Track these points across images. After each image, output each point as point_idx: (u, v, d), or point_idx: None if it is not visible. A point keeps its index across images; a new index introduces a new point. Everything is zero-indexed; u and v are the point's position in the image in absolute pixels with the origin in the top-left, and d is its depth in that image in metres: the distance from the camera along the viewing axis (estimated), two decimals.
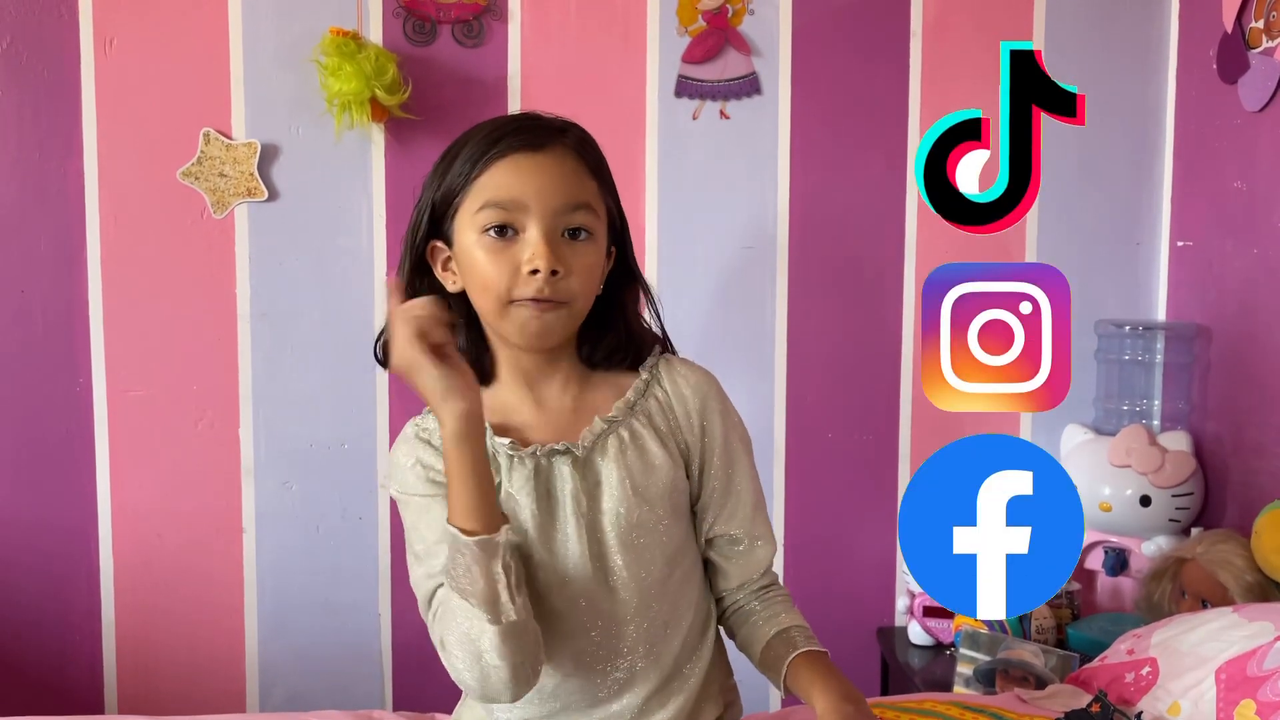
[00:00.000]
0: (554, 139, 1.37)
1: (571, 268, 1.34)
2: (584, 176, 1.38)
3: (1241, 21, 2.36)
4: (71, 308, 2.53)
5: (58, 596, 2.59)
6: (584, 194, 1.37)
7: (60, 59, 2.49)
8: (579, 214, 1.36)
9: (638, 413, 1.44)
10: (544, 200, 1.33)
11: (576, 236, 1.36)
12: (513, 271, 1.33)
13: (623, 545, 1.38)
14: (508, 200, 1.33)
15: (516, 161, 1.34)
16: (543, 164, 1.35)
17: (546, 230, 1.33)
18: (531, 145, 1.35)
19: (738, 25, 2.59)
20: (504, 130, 1.36)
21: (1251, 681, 1.69)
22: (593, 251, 1.38)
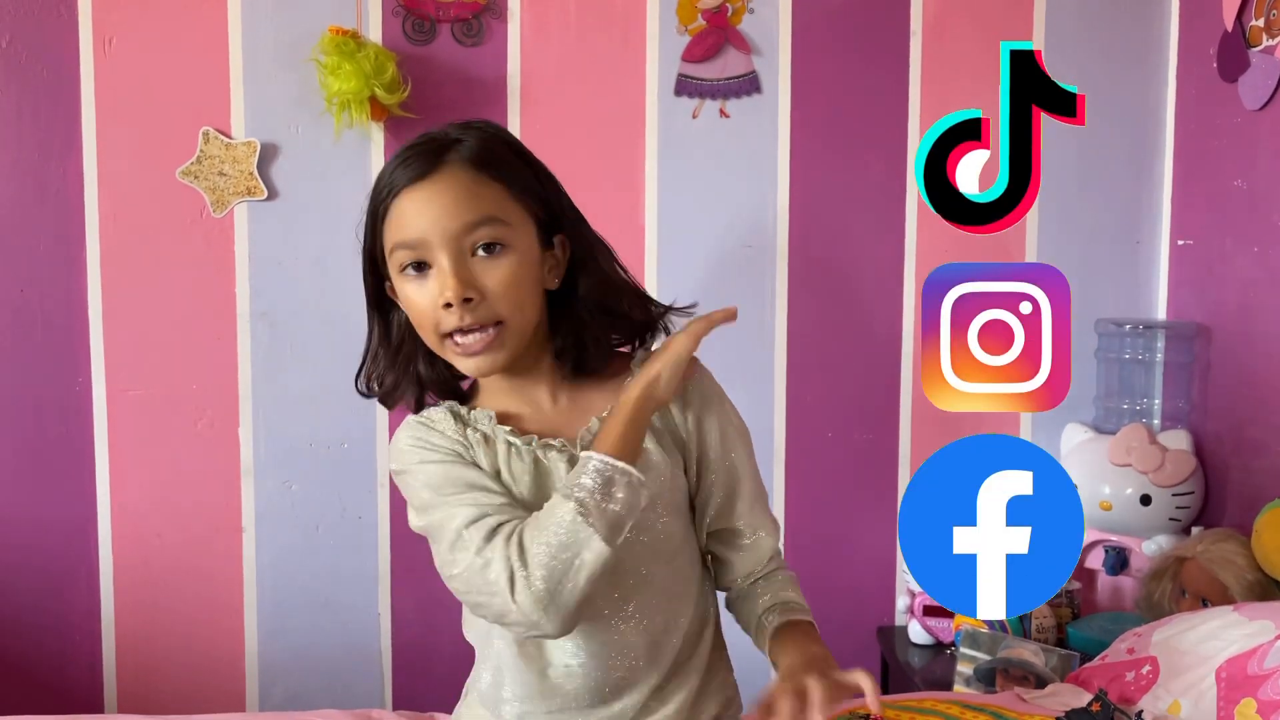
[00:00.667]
0: (439, 160, 1.33)
1: (485, 290, 1.32)
2: (482, 187, 1.33)
3: (1242, 20, 2.36)
4: (71, 307, 2.53)
5: (57, 596, 2.59)
6: (483, 207, 1.32)
7: (59, 58, 2.49)
8: (483, 230, 1.32)
9: None
10: (440, 229, 1.31)
11: (491, 251, 1.33)
12: (430, 308, 1.33)
13: (621, 544, 1.35)
14: (410, 240, 1.32)
15: (409, 196, 1.32)
16: (432, 191, 1.32)
17: (452, 258, 1.31)
18: (418, 174, 1.32)
19: (737, 24, 2.59)
20: (393, 165, 1.35)
21: (1252, 680, 1.69)
22: (509, 264, 1.33)
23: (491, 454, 1.39)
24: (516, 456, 1.39)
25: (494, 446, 1.39)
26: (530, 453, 1.39)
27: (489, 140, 1.37)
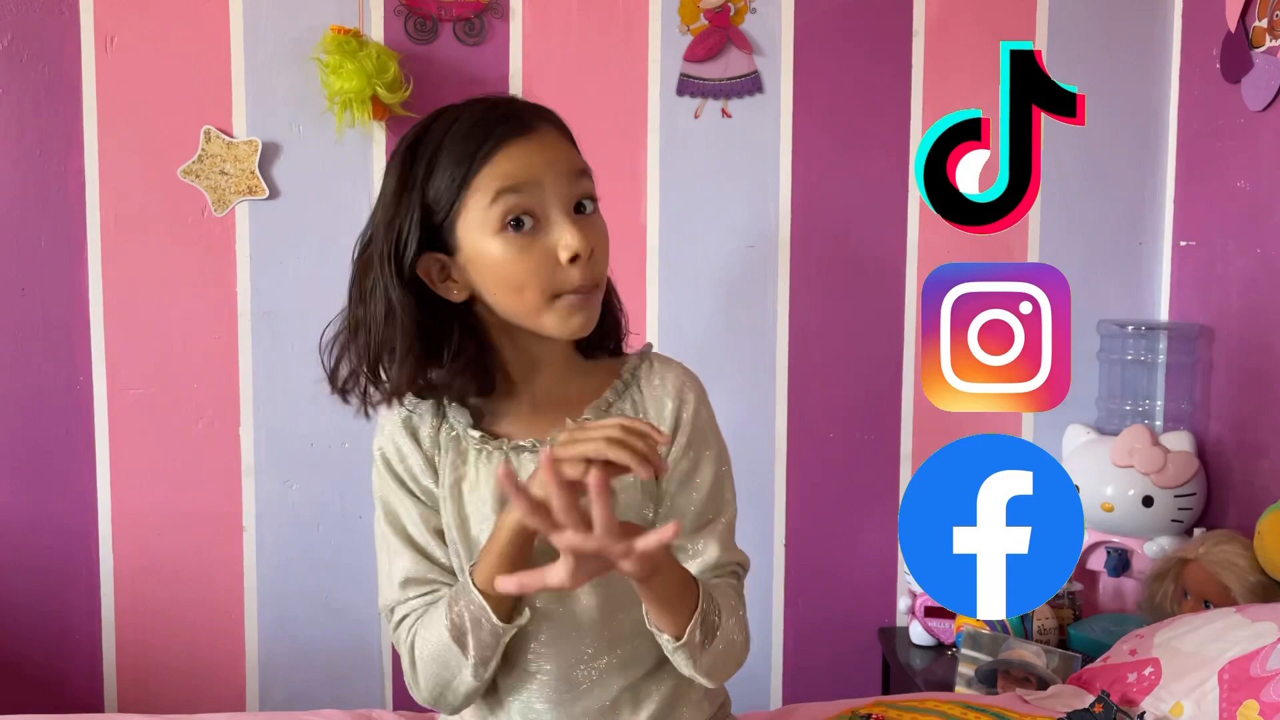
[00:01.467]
0: (538, 119, 1.32)
1: (597, 242, 1.31)
2: (569, 143, 1.35)
3: (1245, 21, 2.36)
4: (72, 306, 2.53)
5: (57, 595, 2.59)
6: (582, 160, 1.34)
7: (61, 57, 2.49)
8: (585, 181, 1.32)
9: (613, 412, 1.40)
10: (555, 172, 1.28)
11: (584, 210, 1.31)
12: (549, 264, 1.27)
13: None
14: (523, 182, 1.26)
15: (517, 146, 1.27)
16: (541, 142, 1.29)
17: (567, 209, 1.28)
18: (524, 128, 1.29)
19: (740, 24, 2.59)
20: (489, 122, 1.28)
21: (1255, 682, 1.68)
22: (601, 224, 1.34)
23: (459, 457, 1.38)
24: (485, 460, 1.38)
25: (464, 449, 1.38)
26: (500, 456, 1.37)
27: (548, 109, 1.37)
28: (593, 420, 1.37)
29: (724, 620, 1.33)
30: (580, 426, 1.19)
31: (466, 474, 1.38)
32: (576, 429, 1.18)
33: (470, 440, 1.38)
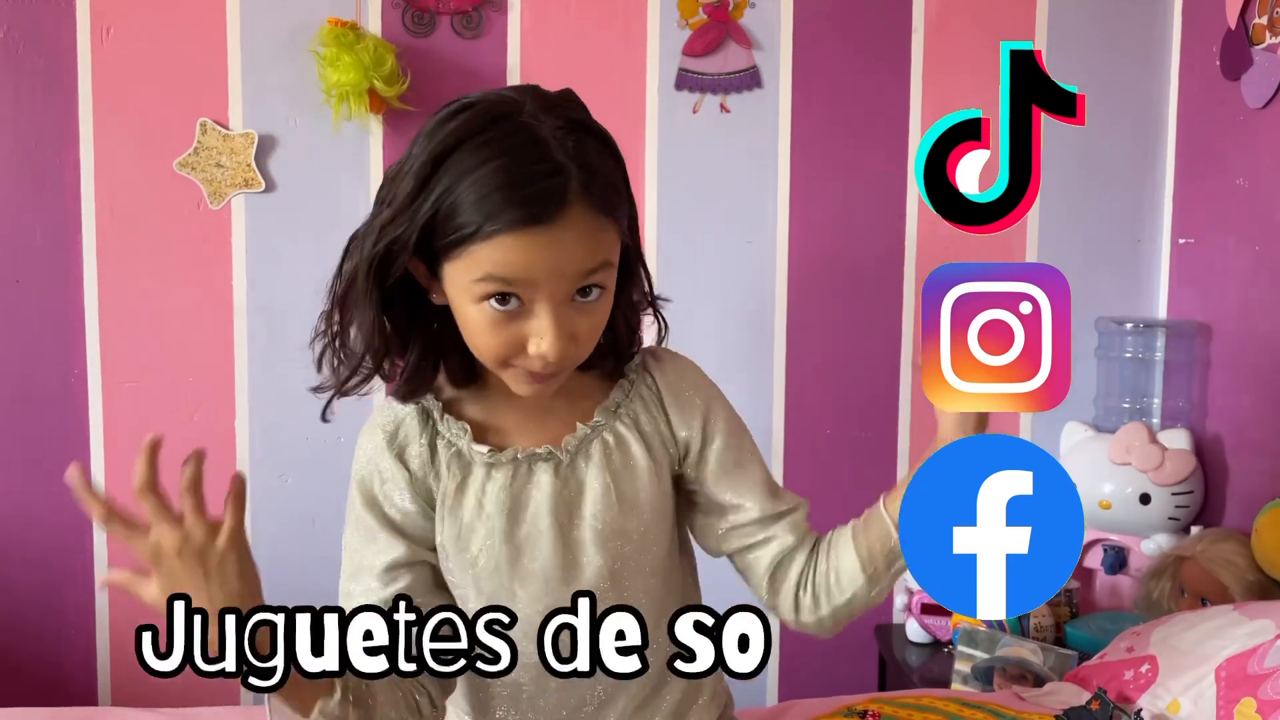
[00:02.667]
0: (564, 204, 1.16)
1: (580, 335, 1.22)
2: (600, 229, 1.20)
3: (1245, 18, 2.35)
4: (66, 299, 2.52)
5: (52, 589, 2.59)
6: (601, 252, 1.21)
7: (57, 48, 2.48)
8: (595, 275, 1.20)
9: (622, 415, 1.38)
10: (556, 278, 1.17)
11: (585, 295, 1.21)
12: (515, 344, 1.20)
13: (603, 554, 1.34)
14: (514, 278, 1.16)
15: (525, 239, 1.14)
16: (555, 239, 1.16)
17: (558, 308, 1.19)
18: (543, 219, 1.14)
19: (738, 18, 2.58)
20: (508, 195, 1.14)
21: (1252, 679, 1.68)
22: (604, 305, 1.24)
23: (460, 471, 1.34)
24: (493, 477, 1.33)
25: (467, 463, 1.34)
26: (511, 467, 1.33)
27: (608, 170, 1.25)
28: (604, 423, 1.36)
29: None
30: None
31: (469, 491, 1.34)
32: None
33: (476, 455, 1.33)
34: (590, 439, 1.36)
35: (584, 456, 1.35)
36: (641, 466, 1.37)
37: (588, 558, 1.34)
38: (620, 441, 1.37)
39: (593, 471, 1.35)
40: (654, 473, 1.38)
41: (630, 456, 1.37)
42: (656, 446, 1.39)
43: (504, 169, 1.16)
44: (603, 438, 1.36)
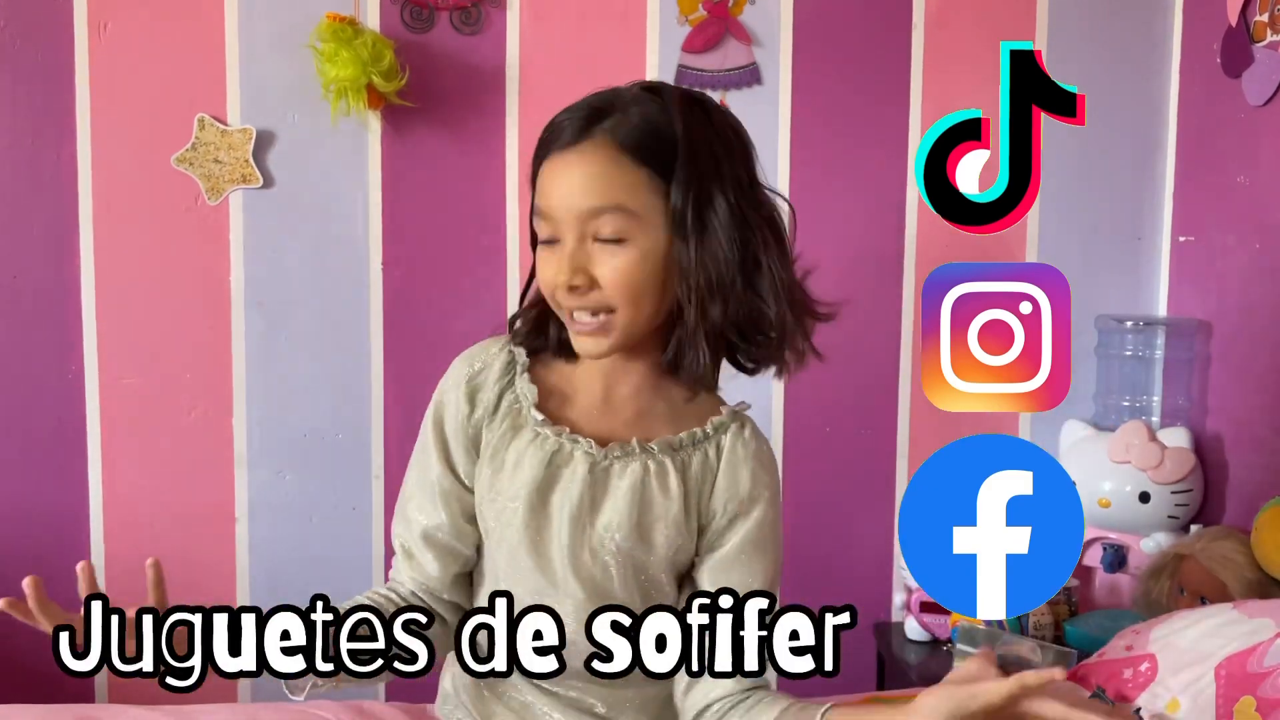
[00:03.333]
0: (588, 130, 1.28)
1: (598, 279, 1.27)
2: (620, 171, 1.27)
3: (1246, 15, 2.35)
4: (63, 294, 2.51)
5: (48, 585, 2.56)
6: (613, 194, 1.26)
7: (54, 43, 2.47)
8: (607, 217, 1.26)
9: (681, 455, 1.39)
10: (566, 207, 1.27)
11: (613, 238, 1.27)
12: (553, 280, 1.30)
13: (599, 567, 1.35)
14: (544, 209, 1.30)
15: (549, 167, 1.30)
16: (570, 165, 1.28)
17: (573, 240, 1.27)
18: (566, 141, 1.29)
19: (738, 15, 2.57)
20: (547, 131, 1.32)
21: (1252, 678, 1.68)
22: (628, 258, 1.27)
23: (512, 427, 1.38)
24: (538, 444, 1.36)
25: (520, 424, 1.38)
26: (555, 442, 1.36)
27: (654, 119, 1.30)
28: (658, 452, 1.37)
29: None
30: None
31: (511, 448, 1.37)
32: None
33: (530, 419, 1.38)
34: (634, 457, 1.37)
35: (620, 470, 1.36)
36: (672, 511, 1.36)
37: (594, 562, 1.35)
38: (662, 476, 1.37)
39: (622, 488, 1.36)
40: (682, 524, 1.37)
41: (667, 493, 1.37)
42: (692, 502, 1.39)
43: (576, 105, 1.33)
44: (646, 463, 1.37)
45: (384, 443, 2.61)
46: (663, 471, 1.37)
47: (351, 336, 2.57)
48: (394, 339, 2.58)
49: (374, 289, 2.57)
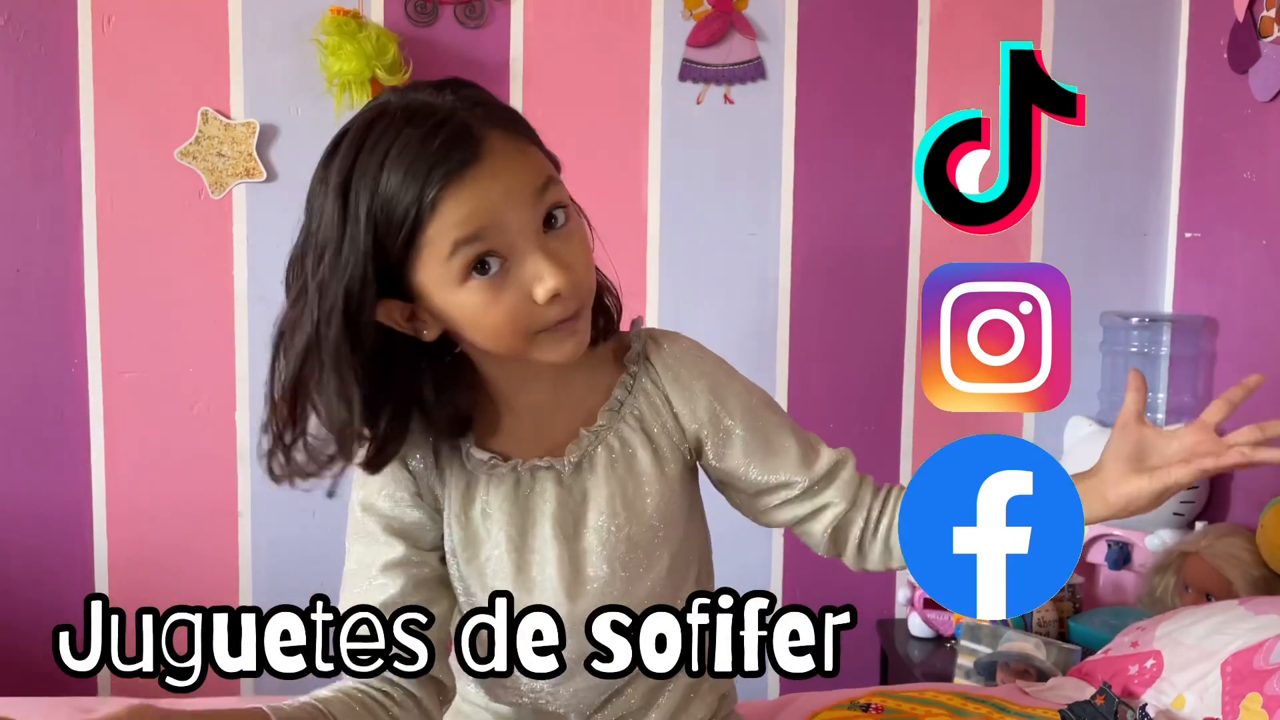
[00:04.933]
0: (484, 131, 1.11)
1: (573, 263, 1.15)
2: (525, 151, 1.15)
3: (1253, 10, 2.34)
4: (66, 288, 2.52)
5: (51, 580, 2.58)
6: (540, 168, 1.15)
7: (58, 36, 2.47)
8: (551, 190, 1.15)
9: (627, 415, 1.33)
10: (517, 200, 1.12)
11: (554, 223, 1.15)
12: (525, 305, 1.13)
13: (609, 564, 1.31)
14: (481, 227, 1.10)
15: (466, 183, 1.09)
16: (489, 169, 1.10)
17: (536, 237, 1.13)
18: (470, 156, 1.10)
19: (743, 9, 2.57)
20: (429, 153, 1.09)
21: (1258, 674, 1.67)
22: (578, 228, 1.19)
23: (465, 477, 1.29)
24: (496, 483, 1.29)
25: (470, 470, 1.29)
26: (514, 476, 1.29)
27: (493, 100, 1.18)
28: (607, 426, 1.32)
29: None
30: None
31: (476, 497, 1.30)
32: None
33: (478, 464, 1.28)
34: (594, 445, 1.31)
35: (588, 465, 1.31)
36: (647, 472, 1.33)
37: (594, 569, 1.31)
38: (625, 445, 1.33)
39: (596, 481, 1.31)
40: (660, 476, 1.34)
41: (636, 462, 1.33)
42: (664, 446, 1.35)
43: (407, 144, 1.09)
44: (607, 442, 1.32)
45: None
46: (624, 441, 1.33)
47: None
48: None
49: None
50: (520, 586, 1.30)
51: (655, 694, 1.41)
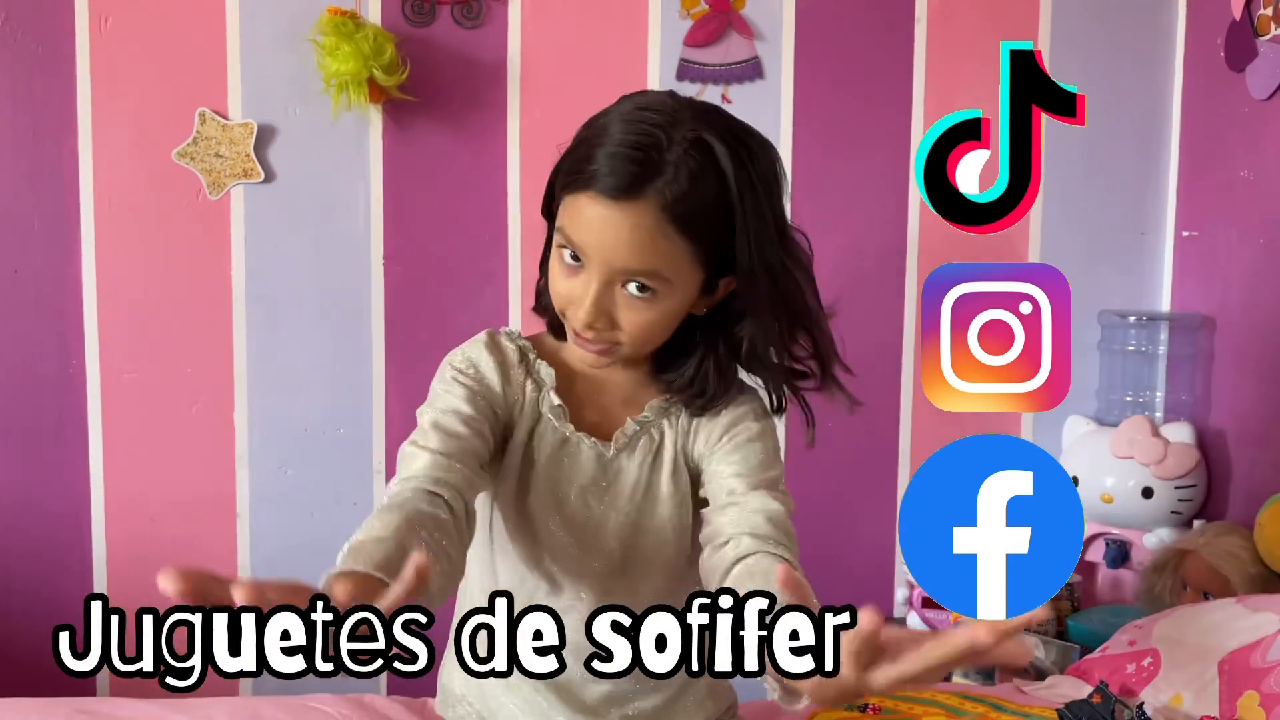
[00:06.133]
0: (640, 189, 1.21)
1: (619, 322, 1.28)
2: (666, 241, 1.23)
3: (1250, 9, 2.34)
4: (65, 289, 2.51)
5: (50, 580, 2.58)
6: (655, 262, 1.24)
7: (55, 36, 2.47)
8: (642, 278, 1.25)
9: (670, 414, 1.42)
10: (603, 259, 1.24)
11: (641, 293, 1.26)
12: (567, 299, 1.29)
13: (617, 542, 1.39)
14: (573, 240, 1.25)
15: (590, 204, 1.22)
16: (613, 222, 1.22)
17: (598, 286, 1.25)
18: (613, 191, 1.21)
19: (740, 9, 2.57)
20: (600, 157, 1.22)
21: (1255, 673, 1.68)
22: (654, 312, 1.28)
23: (530, 417, 1.39)
24: (551, 430, 1.39)
25: (537, 411, 1.39)
26: (562, 434, 1.39)
27: (703, 185, 1.23)
28: (651, 419, 1.41)
29: None
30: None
31: (536, 432, 1.39)
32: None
33: (547, 403, 1.39)
34: (638, 436, 1.40)
35: (628, 453, 1.40)
36: (666, 467, 1.41)
37: (602, 541, 1.40)
38: (661, 440, 1.41)
39: (632, 466, 1.40)
40: (673, 474, 1.42)
41: (662, 455, 1.41)
42: (679, 451, 1.43)
43: (607, 142, 1.22)
44: (649, 434, 1.41)
45: (385, 438, 2.61)
46: (662, 435, 1.41)
47: (353, 331, 2.57)
48: (395, 333, 2.58)
49: (375, 283, 2.57)
50: (547, 527, 1.39)
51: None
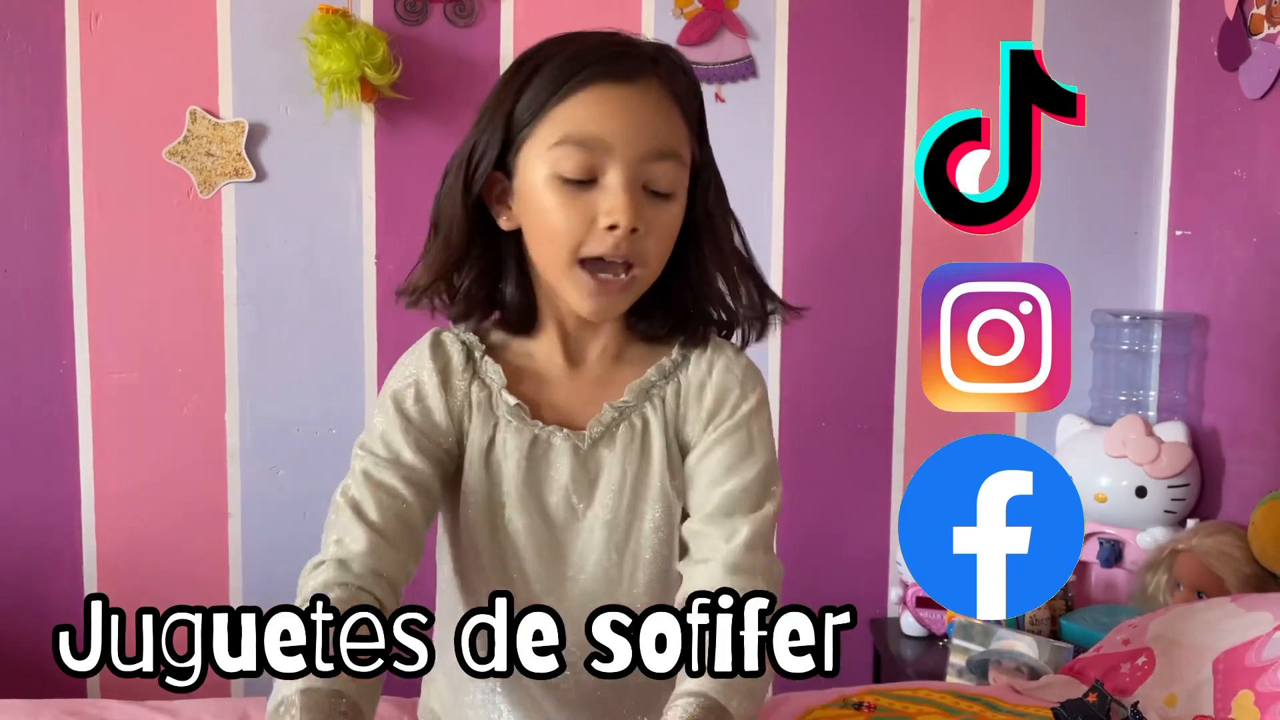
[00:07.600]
0: (645, 69, 1.22)
1: (651, 226, 1.22)
2: (677, 118, 1.24)
3: (1243, 8, 2.34)
4: (54, 289, 2.50)
5: (40, 581, 2.57)
6: (673, 140, 1.23)
7: (45, 34, 2.45)
8: (665, 165, 1.22)
9: (653, 396, 1.34)
10: (629, 143, 1.19)
11: (660, 195, 1.23)
12: (586, 224, 1.21)
13: (607, 546, 1.32)
14: (589, 137, 1.19)
15: (602, 92, 1.19)
16: (631, 99, 1.20)
17: (629, 179, 1.19)
18: (620, 75, 1.20)
19: (734, 8, 2.56)
20: (590, 55, 1.21)
21: (1250, 672, 1.67)
22: (674, 213, 1.26)
23: (486, 422, 1.31)
24: (514, 432, 1.31)
25: (494, 412, 1.32)
26: (532, 432, 1.31)
27: (685, 70, 1.27)
28: (631, 404, 1.33)
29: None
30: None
31: (496, 439, 1.31)
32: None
33: (504, 404, 1.31)
34: (616, 423, 1.33)
35: (606, 442, 1.33)
36: (657, 459, 1.33)
37: (591, 548, 1.33)
38: (645, 427, 1.34)
39: (613, 458, 1.32)
40: (666, 466, 1.34)
41: (650, 445, 1.33)
42: (671, 438, 1.35)
43: (586, 44, 1.23)
44: (629, 420, 1.34)
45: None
46: (645, 422, 1.33)
47: (345, 330, 2.56)
48: (387, 333, 2.57)
49: (367, 283, 2.56)
50: (525, 540, 1.32)
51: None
